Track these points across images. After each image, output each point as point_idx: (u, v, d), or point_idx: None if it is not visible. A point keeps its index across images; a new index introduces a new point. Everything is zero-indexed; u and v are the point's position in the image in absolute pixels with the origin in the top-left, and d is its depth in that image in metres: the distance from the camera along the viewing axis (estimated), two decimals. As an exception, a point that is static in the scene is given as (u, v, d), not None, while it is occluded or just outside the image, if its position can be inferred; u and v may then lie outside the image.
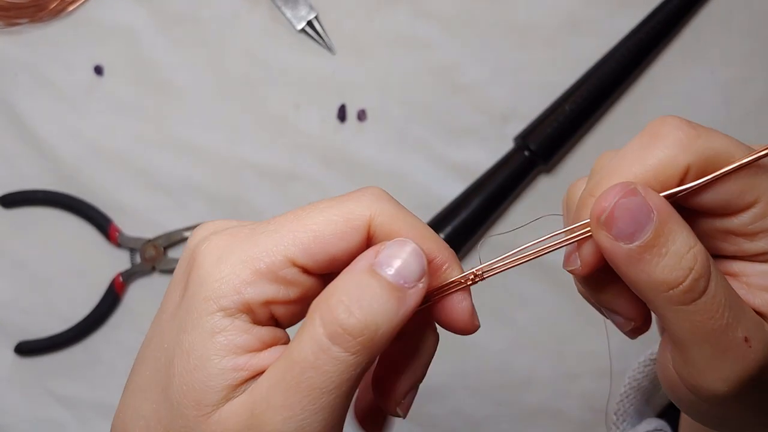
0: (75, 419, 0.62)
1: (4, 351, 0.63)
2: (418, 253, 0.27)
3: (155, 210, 0.63)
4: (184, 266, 0.28)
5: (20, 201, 0.63)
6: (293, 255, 0.27)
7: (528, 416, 0.62)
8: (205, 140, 0.64)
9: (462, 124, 0.64)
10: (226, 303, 0.26)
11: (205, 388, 0.26)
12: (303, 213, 0.27)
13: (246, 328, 0.26)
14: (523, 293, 0.62)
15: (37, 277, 0.63)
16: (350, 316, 0.25)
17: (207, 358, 0.26)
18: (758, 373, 0.27)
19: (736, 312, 0.26)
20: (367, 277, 0.26)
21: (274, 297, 0.27)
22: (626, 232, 0.25)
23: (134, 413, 0.28)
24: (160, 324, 0.28)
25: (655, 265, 0.25)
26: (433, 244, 0.28)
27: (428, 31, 0.64)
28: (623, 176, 0.26)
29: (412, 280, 0.26)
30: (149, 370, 0.28)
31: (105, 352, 0.63)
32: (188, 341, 0.26)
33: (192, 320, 0.26)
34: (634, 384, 0.50)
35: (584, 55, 0.63)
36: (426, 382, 0.65)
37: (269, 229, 0.27)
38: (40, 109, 0.64)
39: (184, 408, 0.26)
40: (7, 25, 0.64)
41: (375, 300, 0.25)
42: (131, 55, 0.64)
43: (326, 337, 0.25)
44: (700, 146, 0.27)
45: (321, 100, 0.64)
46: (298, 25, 0.64)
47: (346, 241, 0.27)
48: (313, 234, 0.27)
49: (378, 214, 0.27)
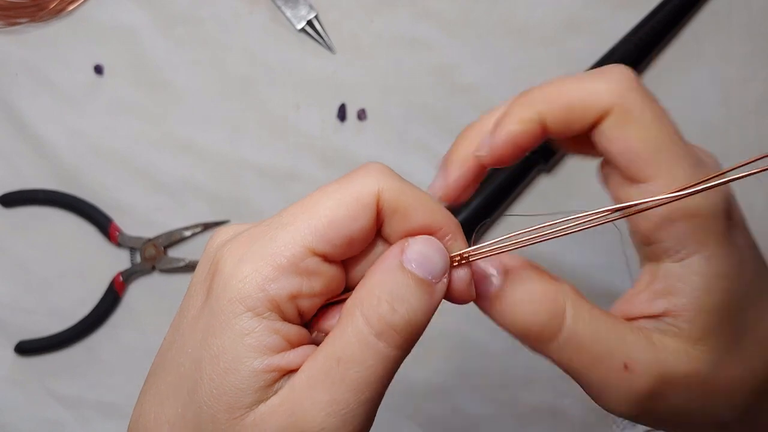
0: (75, 419, 0.62)
1: (4, 350, 0.63)
2: (442, 250, 0.28)
3: (155, 209, 0.63)
4: (204, 271, 0.28)
5: (20, 200, 0.63)
6: (311, 244, 0.27)
7: (528, 416, 0.62)
8: (205, 140, 0.64)
9: (462, 124, 0.63)
10: (253, 303, 0.26)
11: (238, 391, 0.26)
12: (313, 200, 0.27)
13: (275, 328, 0.26)
14: (523, 293, 0.62)
15: (37, 276, 0.63)
16: (394, 313, 0.26)
17: (238, 361, 0.26)
18: (654, 390, 0.28)
19: (610, 343, 0.28)
20: (401, 274, 0.27)
21: (298, 290, 0.27)
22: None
23: (156, 418, 0.28)
24: (180, 329, 0.28)
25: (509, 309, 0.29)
26: (439, 216, 0.28)
27: (428, 31, 0.64)
28: (555, 88, 0.30)
29: (439, 276, 0.28)
30: (171, 375, 0.28)
31: (105, 352, 0.63)
32: (217, 345, 0.26)
33: (219, 324, 0.26)
34: None
35: (584, 55, 0.63)
36: (426, 382, 0.65)
37: (283, 222, 0.27)
38: (40, 108, 0.64)
39: (216, 412, 0.26)
40: (7, 25, 0.64)
41: (413, 296, 0.27)
42: (131, 55, 0.64)
43: (373, 335, 0.26)
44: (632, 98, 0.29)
45: (321, 100, 0.64)
46: (298, 24, 0.64)
47: (359, 221, 0.27)
48: (327, 220, 0.27)
49: (384, 189, 0.28)
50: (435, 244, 0.28)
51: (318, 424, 0.25)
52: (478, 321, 0.62)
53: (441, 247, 0.28)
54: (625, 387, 0.28)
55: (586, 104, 0.29)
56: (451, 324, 0.62)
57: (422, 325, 0.27)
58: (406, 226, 0.28)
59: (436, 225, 0.28)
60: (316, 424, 0.25)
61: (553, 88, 0.30)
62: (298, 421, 0.25)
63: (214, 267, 0.27)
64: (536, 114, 0.29)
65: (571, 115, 0.29)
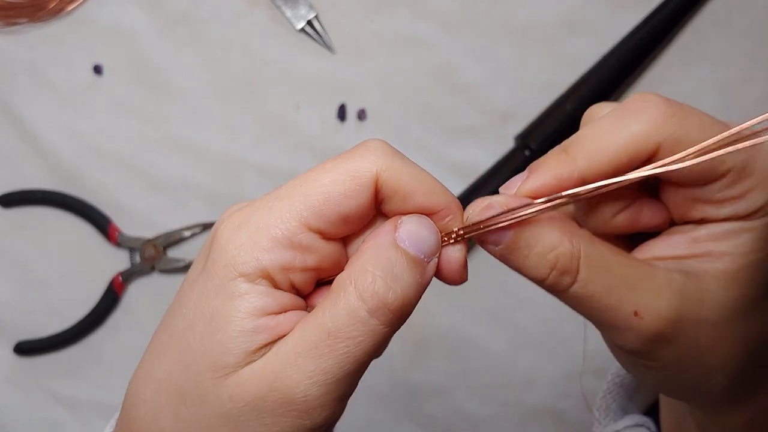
0: (74, 419, 0.62)
1: (3, 351, 0.62)
2: (433, 229, 0.28)
3: (155, 210, 0.63)
4: (208, 241, 0.29)
5: (20, 201, 0.63)
6: (306, 219, 0.27)
7: (528, 416, 0.62)
8: (205, 140, 0.64)
9: (462, 124, 0.64)
10: (246, 269, 0.27)
11: (224, 349, 0.26)
12: (311, 176, 0.28)
13: (266, 292, 0.27)
14: (523, 293, 0.62)
15: (36, 276, 0.63)
16: (389, 290, 0.26)
17: (228, 321, 0.26)
18: (661, 333, 0.29)
19: (623, 291, 0.29)
20: (395, 252, 0.27)
21: (291, 263, 0.27)
22: (492, 239, 0.29)
23: (147, 377, 0.28)
24: (181, 293, 0.29)
25: (522, 262, 0.29)
26: (439, 196, 0.29)
27: (428, 31, 0.64)
28: (594, 144, 0.29)
29: (431, 254, 0.28)
30: (165, 334, 0.28)
31: (104, 352, 0.63)
32: (210, 306, 0.27)
33: (214, 287, 0.27)
34: (617, 380, 0.50)
35: (584, 55, 0.63)
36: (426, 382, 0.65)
37: (281, 195, 0.28)
38: (39, 108, 0.64)
39: (201, 370, 0.26)
40: (6, 25, 0.64)
41: (407, 274, 0.27)
42: (131, 54, 0.64)
43: (366, 311, 0.26)
44: (673, 126, 0.28)
45: (321, 99, 0.64)
46: (297, 24, 0.64)
47: (356, 199, 0.27)
48: (323, 196, 0.27)
49: (384, 168, 0.28)
50: (427, 223, 0.28)
51: (301, 391, 0.26)
52: (478, 321, 0.62)
53: (433, 225, 0.28)
54: (634, 330, 0.29)
55: (632, 155, 0.29)
56: (451, 324, 0.62)
57: (414, 303, 0.28)
58: (407, 206, 0.28)
59: (436, 205, 0.28)
60: (300, 392, 0.26)
61: (594, 144, 0.29)
62: (281, 386, 0.26)
63: (214, 235, 0.28)
64: (577, 174, 0.29)
65: (614, 167, 0.29)
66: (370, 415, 0.61)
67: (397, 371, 0.62)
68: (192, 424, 0.27)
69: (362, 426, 0.61)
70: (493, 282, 0.63)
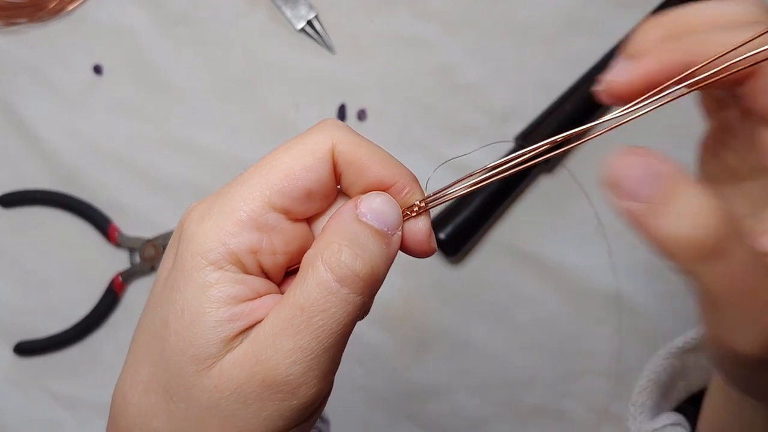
0: (74, 419, 0.62)
1: (3, 351, 0.62)
2: (393, 202, 0.28)
3: (155, 210, 0.63)
4: (174, 235, 0.29)
5: (20, 201, 0.63)
6: (270, 198, 0.27)
7: (528, 416, 0.62)
8: (205, 140, 0.64)
9: (462, 124, 0.64)
10: (214, 256, 0.27)
11: (203, 342, 0.26)
12: (270, 156, 0.28)
13: (237, 279, 0.27)
14: (523, 293, 0.62)
15: (36, 277, 0.63)
16: (356, 258, 0.26)
17: (202, 312, 0.26)
18: None
19: (761, 275, 0.25)
20: (358, 225, 0.27)
21: (258, 245, 0.27)
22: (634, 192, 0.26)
23: (132, 380, 0.28)
24: (154, 292, 0.29)
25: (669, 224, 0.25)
26: (394, 169, 0.29)
27: (428, 31, 0.64)
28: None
29: (394, 227, 0.28)
30: (144, 336, 0.28)
31: (104, 352, 0.63)
32: (181, 299, 0.27)
33: (183, 278, 0.27)
34: (652, 377, 0.50)
35: (584, 55, 0.63)
36: (426, 382, 0.65)
37: (243, 179, 0.28)
38: (39, 108, 0.64)
39: (182, 365, 0.26)
40: (6, 25, 0.64)
41: (371, 243, 0.27)
42: (131, 55, 0.64)
43: (335, 281, 0.26)
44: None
45: (321, 99, 0.64)
46: (297, 24, 0.64)
47: (316, 173, 0.28)
48: (284, 173, 0.27)
49: (339, 142, 0.28)
50: (385, 197, 0.28)
51: (283, 371, 0.26)
52: (478, 321, 0.62)
53: (392, 199, 0.28)
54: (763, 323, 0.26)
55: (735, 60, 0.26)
56: (451, 324, 0.62)
57: (382, 273, 0.27)
58: (363, 179, 0.28)
59: (392, 178, 0.29)
60: (281, 372, 0.26)
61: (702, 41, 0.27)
62: (263, 369, 0.26)
63: (180, 228, 0.28)
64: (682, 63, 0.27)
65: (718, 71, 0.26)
66: (370, 415, 0.61)
67: (397, 371, 0.62)
68: (183, 420, 0.27)
69: (362, 426, 0.61)
70: (493, 282, 0.63)
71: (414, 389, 0.62)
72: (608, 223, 0.63)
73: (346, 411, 0.61)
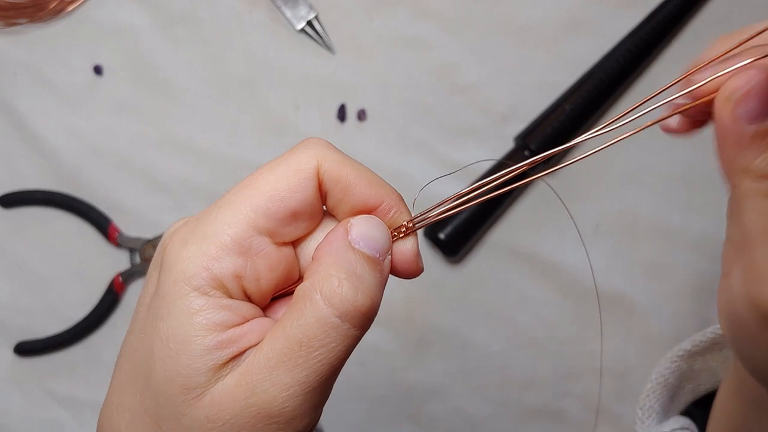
0: (74, 419, 0.62)
1: (3, 351, 0.62)
2: (383, 226, 0.28)
3: (155, 210, 0.63)
4: (156, 258, 0.28)
5: (20, 201, 0.63)
6: (254, 221, 0.27)
7: (528, 416, 0.62)
8: (205, 140, 0.64)
9: (462, 124, 0.64)
10: (198, 282, 0.26)
11: (191, 371, 0.26)
12: (254, 177, 0.27)
13: (223, 304, 0.26)
14: (523, 293, 0.62)
15: (36, 277, 0.63)
16: (357, 292, 0.26)
17: (188, 341, 0.26)
18: None
19: None
20: (353, 254, 0.27)
21: (243, 270, 0.27)
22: (752, 114, 0.25)
23: (118, 407, 0.28)
24: (137, 317, 0.28)
25: (759, 153, 0.25)
26: (380, 189, 0.29)
27: (428, 31, 0.64)
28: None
29: (384, 252, 0.28)
30: (129, 362, 0.28)
31: (104, 352, 0.63)
32: (165, 327, 0.26)
33: (167, 305, 0.26)
34: (660, 380, 0.50)
35: (584, 55, 0.63)
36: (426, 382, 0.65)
37: (226, 202, 0.27)
38: (39, 109, 0.64)
39: (170, 394, 0.26)
40: (6, 25, 0.64)
41: (368, 274, 0.27)
42: (131, 55, 0.64)
43: (336, 316, 0.26)
44: None
45: (321, 100, 0.64)
46: (297, 25, 0.64)
47: (301, 193, 0.27)
48: (268, 194, 0.27)
49: (324, 161, 0.28)
50: (376, 221, 0.28)
51: (279, 404, 0.25)
52: (478, 321, 0.62)
53: (381, 223, 0.28)
54: None
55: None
56: (450, 324, 0.62)
57: (379, 303, 0.27)
58: (349, 198, 0.28)
59: (378, 198, 0.28)
60: (278, 404, 0.25)
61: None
62: (259, 401, 0.25)
63: (162, 253, 0.28)
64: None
65: None
66: (370, 415, 0.61)
67: (396, 371, 0.62)
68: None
69: (362, 426, 0.61)
70: (493, 282, 0.63)
71: (414, 389, 0.62)
72: (608, 223, 0.63)
73: (346, 410, 0.61)
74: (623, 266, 0.63)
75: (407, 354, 0.62)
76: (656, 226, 0.63)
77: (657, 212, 0.63)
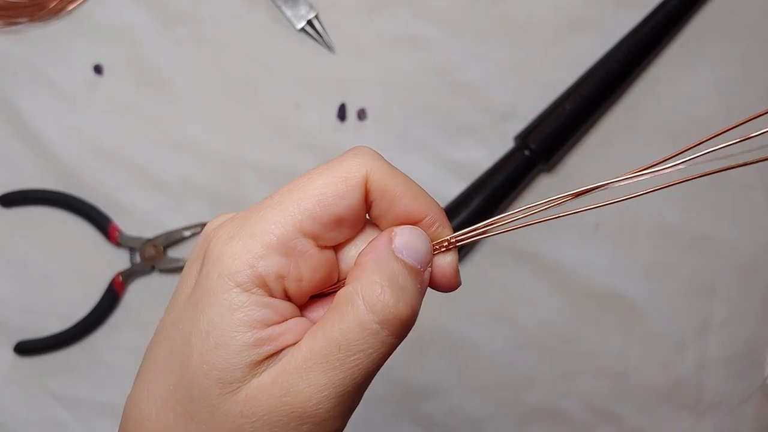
0: (75, 419, 0.62)
1: (3, 350, 0.62)
2: (426, 238, 0.29)
3: (155, 209, 0.63)
4: (197, 251, 0.29)
5: (20, 200, 0.63)
6: (300, 223, 0.27)
7: (528, 416, 0.62)
8: (205, 140, 0.64)
9: (462, 123, 0.64)
10: (241, 279, 0.26)
11: (228, 365, 0.26)
12: (302, 180, 0.28)
13: (264, 302, 0.27)
14: (523, 293, 0.62)
15: (37, 276, 0.63)
16: (399, 301, 0.26)
17: (228, 335, 0.26)
18: None
19: None
20: (395, 263, 0.27)
21: (286, 270, 0.27)
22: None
23: (150, 395, 0.28)
24: (174, 307, 0.29)
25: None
26: (425, 203, 0.29)
27: (428, 30, 0.64)
28: None
29: (425, 264, 0.28)
30: (164, 352, 0.28)
31: (105, 352, 0.63)
32: (206, 320, 0.26)
33: (208, 299, 0.27)
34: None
35: (584, 55, 0.63)
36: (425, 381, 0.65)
37: (273, 202, 0.28)
38: (40, 108, 0.64)
39: (206, 387, 0.26)
40: (7, 25, 0.64)
41: (409, 284, 0.27)
42: (131, 54, 0.64)
43: (376, 323, 0.26)
44: None
45: (321, 99, 0.64)
46: (298, 24, 0.64)
47: (348, 200, 0.27)
48: (316, 198, 0.27)
49: (373, 171, 0.28)
50: (419, 233, 0.28)
51: (314, 405, 0.26)
52: (478, 320, 0.62)
53: (425, 235, 0.29)
54: None
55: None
56: (450, 323, 0.62)
57: (417, 313, 0.28)
58: (394, 210, 0.28)
59: (422, 211, 0.29)
60: (312, 405, 0.26)
61: None
62: (293, 400, 0.26)
63: (206, 246, 0.28)
64: None
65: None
66: (369, 415, 0.61)
67: (396, 370, 0.62)
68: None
69: (360, 425, 0.61)
70: (493, 282, 0.63)
71: (413, 389, 0.62)
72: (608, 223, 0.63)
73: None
74: (623, 266, 0.63)
75: (406, 353, 0.62)
76: (656, 226, 0.63)
77: (657, 212, 0.63)
